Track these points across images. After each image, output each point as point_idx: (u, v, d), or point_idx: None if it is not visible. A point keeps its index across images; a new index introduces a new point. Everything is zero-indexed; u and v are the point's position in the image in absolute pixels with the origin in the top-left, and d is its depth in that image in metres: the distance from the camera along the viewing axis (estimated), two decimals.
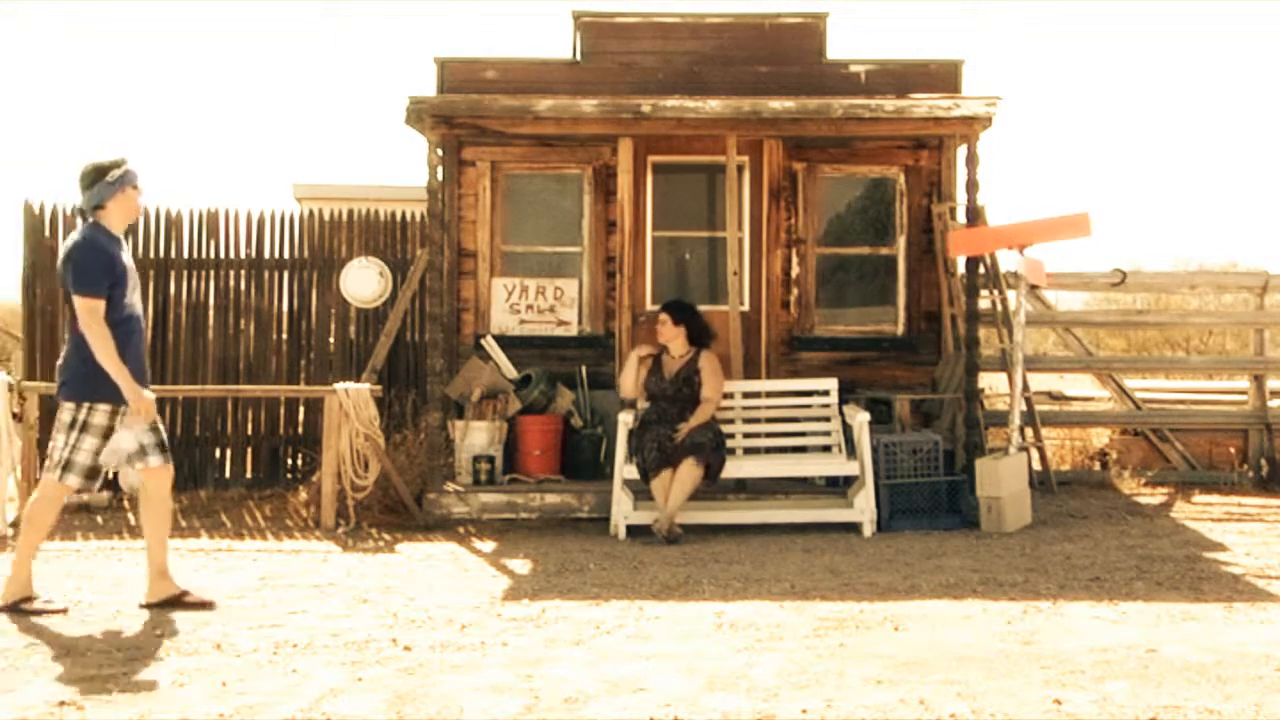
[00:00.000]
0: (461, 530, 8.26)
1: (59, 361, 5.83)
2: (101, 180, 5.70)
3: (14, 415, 8.35)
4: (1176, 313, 14.23)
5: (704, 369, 8.19)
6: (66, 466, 5.67)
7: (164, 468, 5.89)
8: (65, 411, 5.70)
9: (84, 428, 5.68)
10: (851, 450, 8.30)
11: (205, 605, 5.80)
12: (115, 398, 5.70)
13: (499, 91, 9.53)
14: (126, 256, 5.81)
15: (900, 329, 10.09)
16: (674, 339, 8.25)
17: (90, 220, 5.74)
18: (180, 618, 5.60)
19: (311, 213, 10.41)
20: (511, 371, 9.47)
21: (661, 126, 8.98)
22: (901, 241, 10.10)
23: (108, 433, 5.73)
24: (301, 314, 10.27)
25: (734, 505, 8.37)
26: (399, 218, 10.36)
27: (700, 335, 8.31)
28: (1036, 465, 9.82)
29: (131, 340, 5.77)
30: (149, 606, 5.76)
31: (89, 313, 5.59)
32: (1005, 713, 4.18)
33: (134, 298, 5.82)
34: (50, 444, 5.76)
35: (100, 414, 5.70)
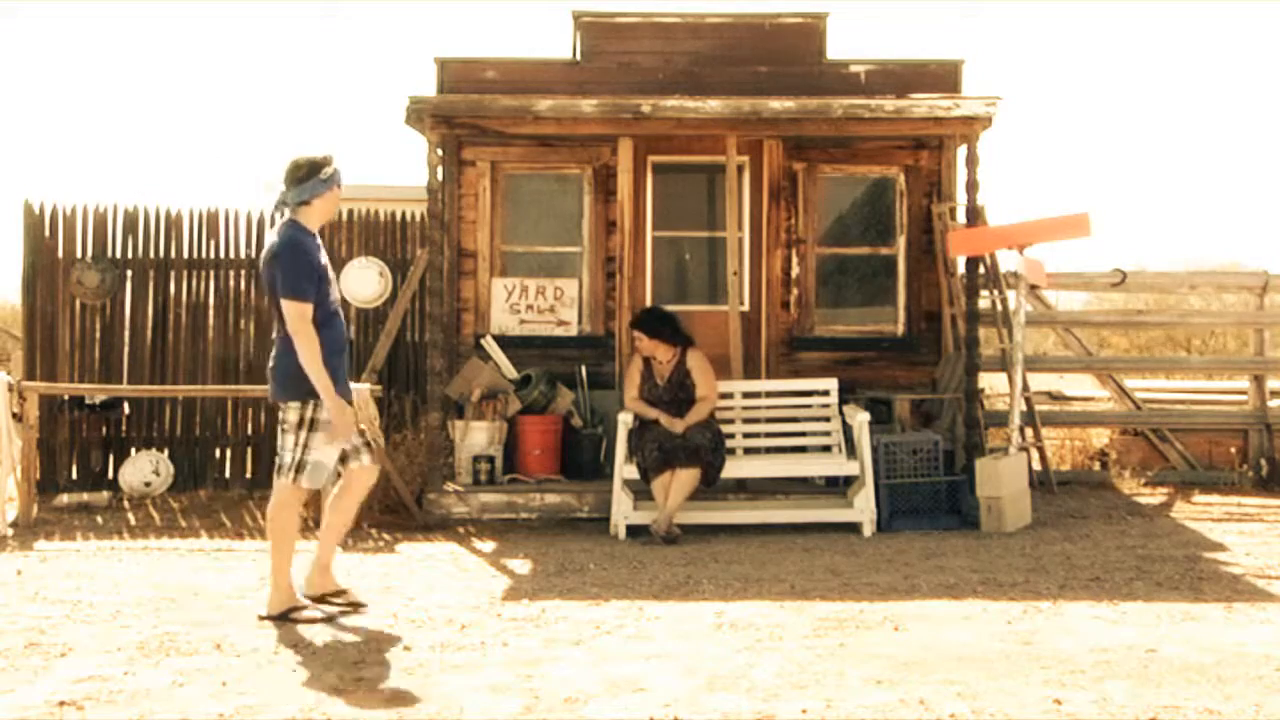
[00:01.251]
0: (461, 530, 8.26)
1: (270, 363, 5.77)
2: (315, 176, 5.65)
3: (14, 415, 8.35)
4: (1177, 313, 14.22)
5: (694, 369, 8.19)
6: (299, 468, 5.59)
7: (373, 466, 5.87)
8: (291, 411, 5.63)
9: (312, 425, 5.59)
10: (851, 450, 8.30)
11: (357, 607, 5.73)
12: (341, 393, 5.64)
13: (499, 91, 9.53)
14: (323, 254, 5.78)
15: (900, 329, 10.09)
16: (655, 349, 8.24)
17: (289, 218, 5.69)
18: (178, 618, 5.60)
19: None
20: (511, 371, 9.47)
21: (661, 126, 8.98)
22: (901, 241, 10.10)
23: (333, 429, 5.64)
24: None
25: (734, 505, 8.37)
26: (399, 218, 10.36)
27: (679, 336, 8.29)
28: (1036, 465, 9.82)
29: (336, 342, 5.71)
30: (310, 599, 5.70)
31: (299, 317, 5.55)
32: (1005, 713, 4.18)
33: (335, 294, 5.80)
34: (279, 447, 5.68)
35: (325, 410, 5.60)
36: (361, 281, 10.11)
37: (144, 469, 9.81)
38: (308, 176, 5.66)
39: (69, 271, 10.06)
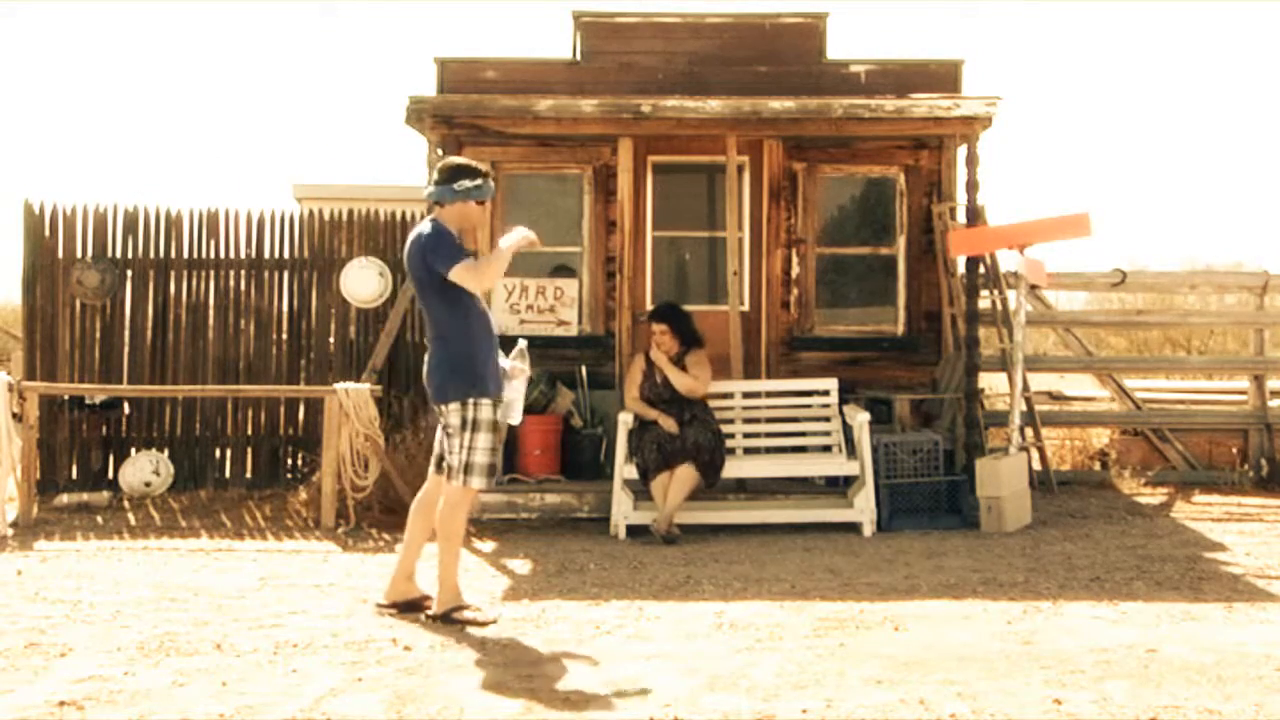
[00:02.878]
0: None
1: (425, 368, 5.73)
2: (448, 184, 5.68)
3: (14, 415, 8.35)
4: (1177, 313, 14.22)
5: (691, 364, 8.22)
6: (468, 469, 5.55)
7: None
8: (453, 414, 5.59)
9: (475, 426, 5.55)
10: (851, 450, 8.30)
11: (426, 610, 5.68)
12: (495, 391, 5.64)
13: (499, 91, 9.53)
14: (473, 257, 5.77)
15: (900, 329, 10.09)
16: (671, 345, 8.26)
17: (431, 215, 5.77)
18: (178, 618, 5.60)
19: (311, 213, 10.41)
20: None
21: (661, 126, 8.99)
22: (901, 241, 10.10)
23: (496, 426, 5.64)
24: (301, 314, 10.27)
25: (734, 505, 8.37)
26: (399, 218, 10.35)
27: (690, 337, 8.31)
28: (1036, 465, 9.81)
29: (488, 333, 5.69)
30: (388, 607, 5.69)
31: (466, 271, 5.53)
32: (1005, 713, 4.18)
33: (484, 301, 5.78)
34: (445, 450, 5.65)
35: (485, 408, 5.58)
36: (361, 281, 10.10)
37: (144, 469, 9.80)
38: (443, 181, 5.73)
39: (69, 271, 10.05)
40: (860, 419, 8.19)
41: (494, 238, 9.99)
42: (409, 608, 5.69)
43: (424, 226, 5.69)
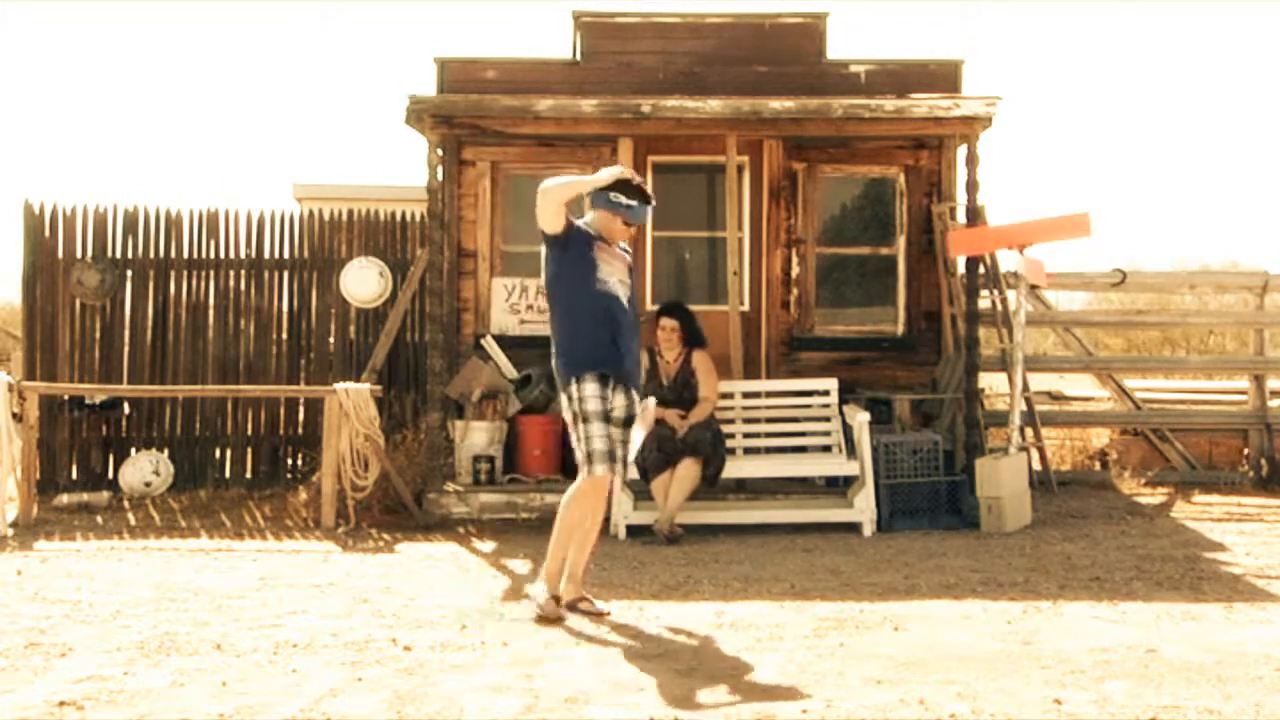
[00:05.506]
0: (461, 530, 8.26)
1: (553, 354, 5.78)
2: (608, 191, 5.79)
3: (14, 415, 8.35)
4: (1176, 313, 14.22)
5: (699, 369, 8.19)
6: (589, 458, 5.56)
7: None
8: (565, 409, 5.65)
9: (583, 416, 5.55)
10: (851, 450, 8.30)
11: (599, 615, 5.64)
12: (593, 364, 5.57)
13: (499, 91, 9.53)
14: (604, 253, 5.79)
15: (900, 329, 10.09)
16: (673, 342, 8.25)
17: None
18: (178, 618, 5.60)
19: (311, 213, 10.41)
20: (511, 371, 9.47)
21: (661, 126, 8.98)
22: (901, 241, 10.10)
23: (605, 401, 5.58)
24: (301, 314, 10.27)
25: (734, 505, 8.37)
26: (399, 218, 10.36)
27: (695, 336, 8.31)
28: (1036, 465, 9.81)
29: (618, 321, 5.68)
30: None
31: (542, 193, 5.65)
32: (1005, 713, 4.18)
33: (611, 286, 5.74)
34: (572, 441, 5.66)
35: (589, 386, 5.54)
36: (361, 281, 10.10)
37: (144, 469, 9.80)
38: (607, 188, 5.81)
39: (69, 271, 10.06)
40: (860, 419, 8.18)
41: (494, 237, 10.02)
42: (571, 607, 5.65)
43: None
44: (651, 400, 5.87)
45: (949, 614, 5.65)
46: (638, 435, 5.70)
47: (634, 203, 5.79)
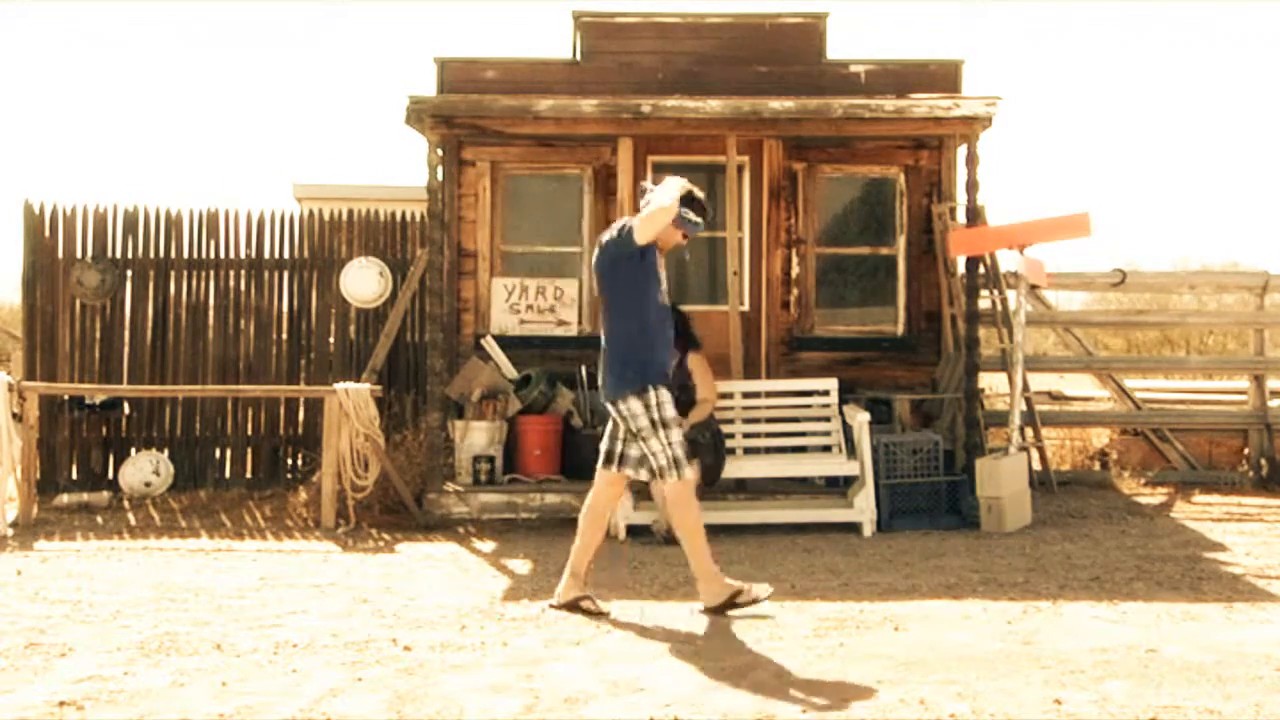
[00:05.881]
0: (461, 530, 8.26)
1: (600, 366, 5.79)
2: (651, 199, 5.77)
3: (14, 415, 8.35)
4: (1176, 313, 14.22)
5: (695, 370, 8.19)
6: (677, 463, 5.60)
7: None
8: (640, 416, 5.62)
9: (663, 423, 5.59)
10: (851, 450, 8.30)
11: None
12: (664, 372, 5.67)
13: (499, 91, 9.53)
14: (659, 265, 5.83)
15: (900, 329, 10.09)
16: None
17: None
18: (178, 618, 5.60)
19: (311, 213, 10.42)
20: (511, 371, 9.47)
21: (661, 126, 8.98)
22: (901, 241, 10.10)
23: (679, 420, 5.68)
24: (301, 314, 10.27)
25: (734, 505, 8.37)
26: (399, 218, 10.36)
27: (690, 339, 8.30)
28: (1036, 465, 9.82)
29: (669, 332, 5.79)
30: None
31: (640, 221, 5.67)
32: (1005, 713, 4.18)
33: (661, 295, 5.80)
34: (646, 452, 5.65)
35: (665, 393, 5.62)
36: (361, 281, 10.11)
37: (144, 469, 9.80)
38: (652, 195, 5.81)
39: (69, 271, 10.06)
40: (860, 419, 8.18)
41: (494, 237, 10.02)
42: (573, 607, 5.68)
43: (618, 223, 5.85)
44: None
45: (949, 614, 5.65)
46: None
47: (700, 219, 5.87)
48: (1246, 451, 10.45)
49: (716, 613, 5.59)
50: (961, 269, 9.43)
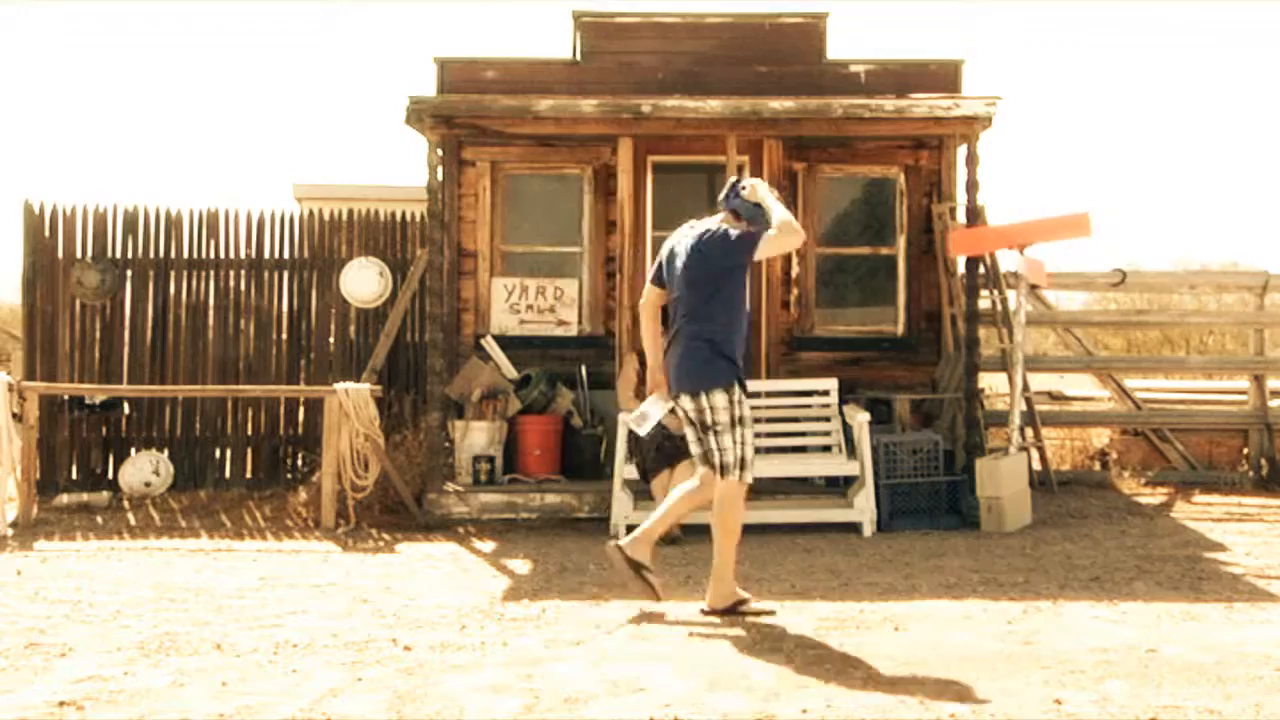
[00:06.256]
0: (461, 530, 8.26)
1: (676, 358, 5.75)
2: (757, 206, 5.83)
3: (14, 415, 8.35)
4: (1176, 313, 14.22)
5: None
6: (744, 464, 5.61)
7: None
8: (722, 410, 5.62)
9: (742, 420, 5.61)
10: (851, 450, 8.30)
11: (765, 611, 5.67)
12: (742, 382, 5.70)
13: (499, 91, 9.53)
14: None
15: (900, 329, 10.09)
16: None
17: (720, 220, 5.92)
18: (178, 618, 5.60)
19: (311, 213, 10.42)
20: (511, 371, 9.47)
21: (661, 126, 8.98)
22: (901, 241, 10.09)
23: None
24: (301, 314, 10.27)
25: None
26: (399, 218, 10.36)
27: None
28: (1036, 465, 9.81)
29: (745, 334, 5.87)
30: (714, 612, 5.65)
31: (780, 233, 5.64)
32: (1005, 713, 4.18)
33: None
34: (712, 447, 5.65)
35: (743, 391, 5.65)
36: (361, 281, 10.11)
37: (144, 469, 9.80)
38: (751, 202, 5.87)
39: (69, 271, 10.06)
40: (860, 419, 8.18)
41: (494, 237, 10.02)
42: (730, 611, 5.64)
43: (714, 226, 5.85)
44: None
45: (949, 614, 5.65)
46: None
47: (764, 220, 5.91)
48: (1246, 451, 10.45)
49: (719, 615, 5.58)
50: (961, 269, 9.43)
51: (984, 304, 9.48)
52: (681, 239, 5.96)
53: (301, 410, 10.17)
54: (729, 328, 5.69)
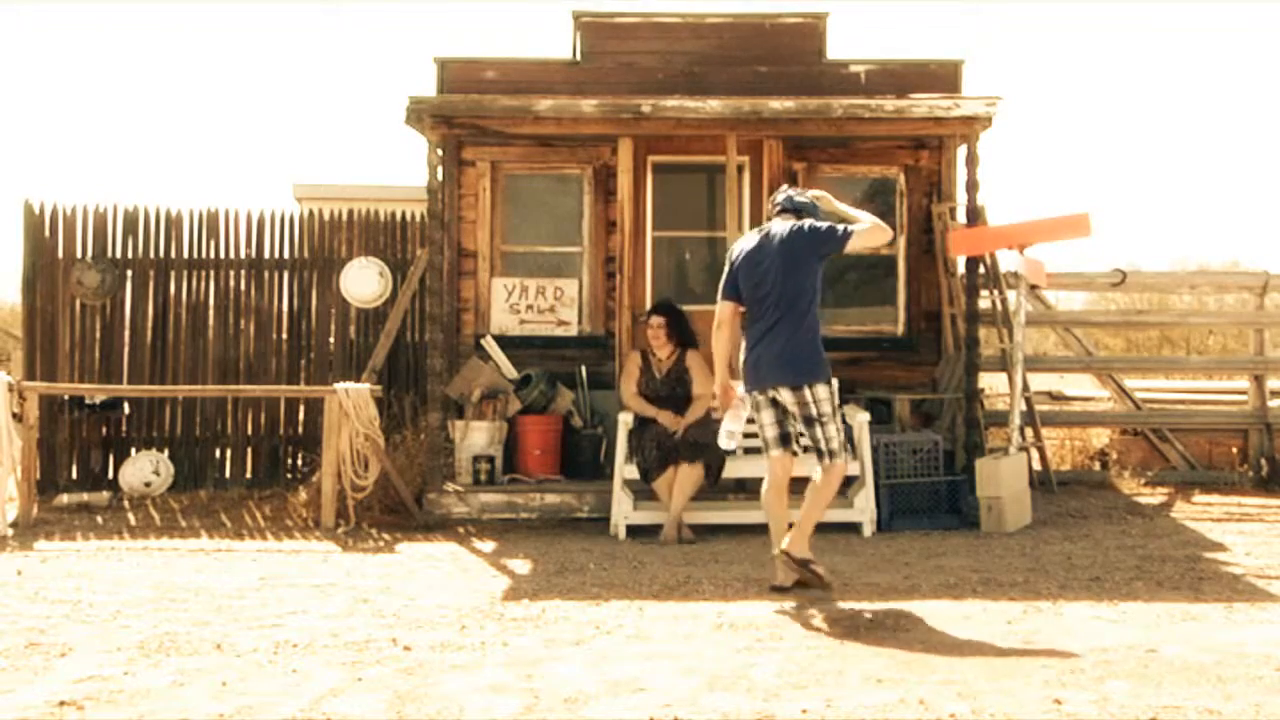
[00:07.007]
0: (461, 530, 8.26)
1: (778, 350, 6.16)
2: (817, 205, 6.51)
3: (14, 415, 8.36)
4: (1176, 313, 14.23)
5: (692, 366, 8.22)
6: (845, 447, 6.07)
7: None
8: (825, 402, 6.08)
9: (838, 409, 6.06)
10: (851, 450, 8.29)
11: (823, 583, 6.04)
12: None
13: (499, 91, 9.53)
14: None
15: (900, 329, 10.09)
16: (662, 341, 8.27)
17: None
18: (178, 618, 5.60)
19: (311, 213, 10.42)
20: (511, 371, 9.47)
21: (661, 126, 8.98)
22: (901, 241, 10.09)
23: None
24: (301, 314, 10.28)
25: (734, 505, 8.36)
26: (399, 218, 10.36)
27: (685, 335, 8.33)
28: (1036, 465, 9.82)
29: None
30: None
31: (868, 229, 6.24)
32: (1005, 713, 4.17)
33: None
34: (814, 436, 6.08)
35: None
36: (361, 281, 10.11)
37: (144, 469, 9.81)
38: (811, 201, 6.48)
39: (69, 271, 10.06)
40: (860, 419, 8.18)
41: (494, 237, 10.02)
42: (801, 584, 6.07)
43: (794, 224, 6.27)
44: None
45: (949, 614, 5.65)
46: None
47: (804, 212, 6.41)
48: (1245, 451, 10.45)
49: (794, 563, 5.95)
50: (961, 269, 9.43)
51: (984, 304, 9.48)
52: (755, 243, 6.29)
53: (301, 410, 10.17)
54: (818, 322, 6.17)
